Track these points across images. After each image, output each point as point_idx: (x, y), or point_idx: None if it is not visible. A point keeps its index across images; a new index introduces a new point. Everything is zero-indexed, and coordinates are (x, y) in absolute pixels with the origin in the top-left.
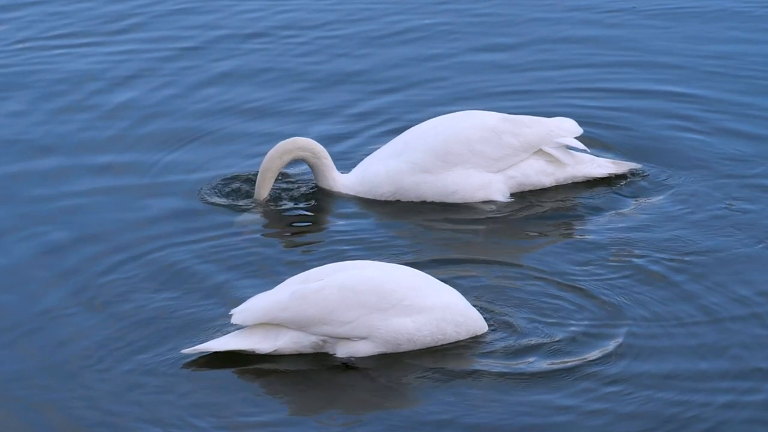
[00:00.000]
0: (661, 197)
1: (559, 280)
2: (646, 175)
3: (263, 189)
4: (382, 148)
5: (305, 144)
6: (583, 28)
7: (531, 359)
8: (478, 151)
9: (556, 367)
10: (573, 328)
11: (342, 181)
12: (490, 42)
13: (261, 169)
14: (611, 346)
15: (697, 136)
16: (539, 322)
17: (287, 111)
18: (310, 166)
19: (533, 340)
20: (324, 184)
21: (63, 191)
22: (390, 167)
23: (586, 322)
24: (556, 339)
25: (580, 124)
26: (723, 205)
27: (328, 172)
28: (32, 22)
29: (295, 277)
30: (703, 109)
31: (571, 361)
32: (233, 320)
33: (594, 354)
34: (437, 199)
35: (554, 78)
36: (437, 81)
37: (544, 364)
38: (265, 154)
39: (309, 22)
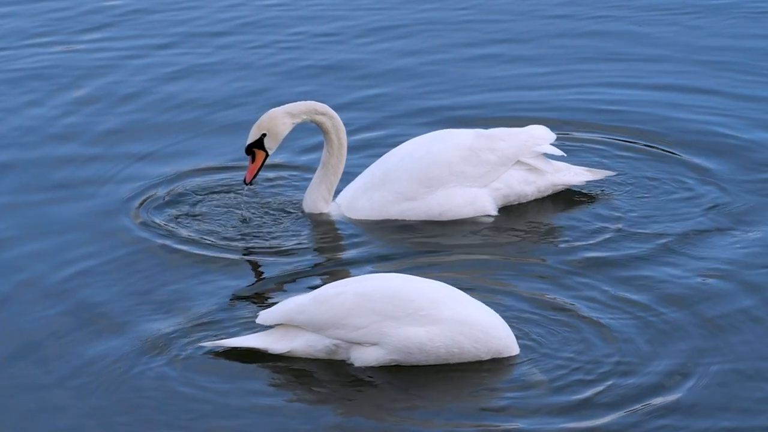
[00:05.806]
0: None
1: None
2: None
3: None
4: (362, 175)
5: (325, 109)
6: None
7: (557, 385)
8: (458, 172)
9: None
10: (602, 356)
11: (329, 212)
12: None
13: (271, 113)
14: (642, 377)
15: (722, 129)
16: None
17: (264, 104)
18: (325, 135)
19: (561, 365)
20: (311, 203)
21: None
22: (374, 199)
23: (611, 351)
24: (588, 370)
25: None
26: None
27: (335, 164)
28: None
29: (327, 284)
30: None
31: (601, 394)
32: (257, 320)
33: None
34: (427, 219)
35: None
36: (420, 77)
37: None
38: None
39: (285, 18)
